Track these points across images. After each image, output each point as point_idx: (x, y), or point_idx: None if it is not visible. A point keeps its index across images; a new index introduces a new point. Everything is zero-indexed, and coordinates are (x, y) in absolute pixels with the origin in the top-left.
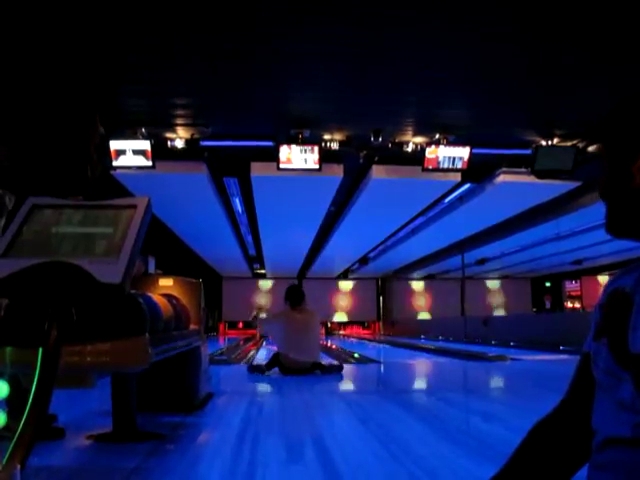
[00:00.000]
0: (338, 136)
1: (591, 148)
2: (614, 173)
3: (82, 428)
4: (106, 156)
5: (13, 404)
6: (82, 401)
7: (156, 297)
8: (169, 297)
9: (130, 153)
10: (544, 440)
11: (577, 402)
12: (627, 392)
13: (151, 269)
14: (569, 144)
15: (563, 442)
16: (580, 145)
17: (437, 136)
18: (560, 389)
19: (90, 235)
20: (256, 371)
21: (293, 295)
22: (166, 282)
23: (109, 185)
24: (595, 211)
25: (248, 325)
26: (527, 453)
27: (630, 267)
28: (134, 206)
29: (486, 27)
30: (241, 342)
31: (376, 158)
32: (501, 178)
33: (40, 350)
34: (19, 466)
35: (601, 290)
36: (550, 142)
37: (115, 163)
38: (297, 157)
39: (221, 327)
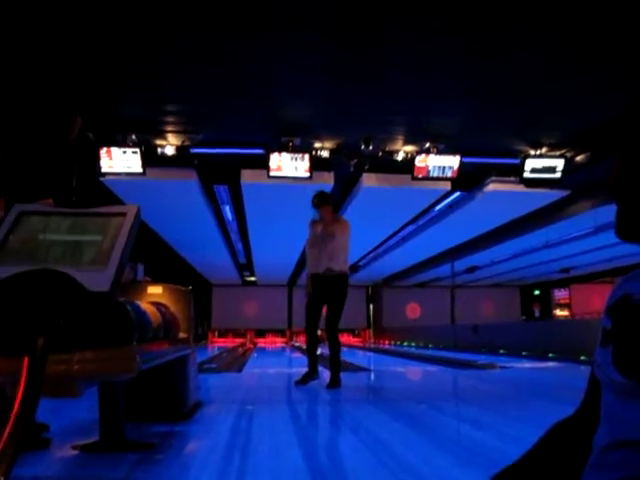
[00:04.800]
0: (328, 144)
1: (579, 157)
2: (629, 171)
3: (69, 437)
4: (96, 162)
5: None
6: (69, 410)
7: (145, 305)
8: (158, 305)
9: (120, 159)
10: (557, 444)
11: (589, 410)
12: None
13: (140, 276)
14: (557, 153)
15: (575, 448)
16: (568, 154)
17: (427, 145)
18: (548, 396)
19: (78, 243)
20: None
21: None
22: (155, 290)
23: (98, 191)
24: (583, 220)
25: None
26: (539, 454)
27: None
28: (123, 214)
29: (476, 38)
30: (231, 350)
31: (366, 166)
32: (491, 187)
33: (26, 359)
34: (2, 477)
35: (592, 297)
36: (539, 151)
37: (104, 169)
38: (287, 165)
39: (210, 335)
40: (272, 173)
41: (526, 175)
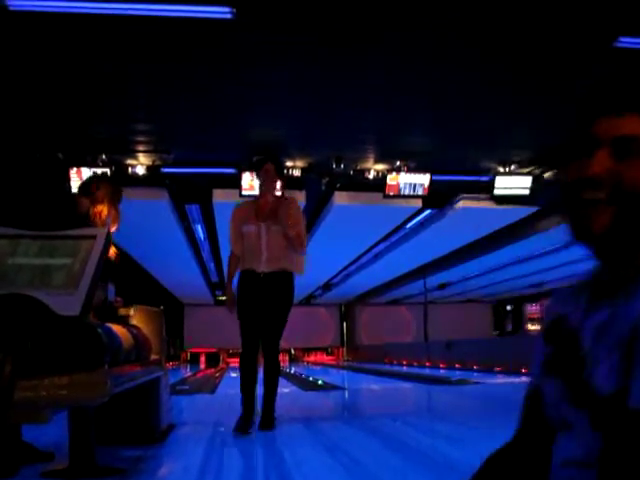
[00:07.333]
0: (300, 163)
1: (547, 174)
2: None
3: (37, 463)
4: (65, 183)
5: None
6: (37, 434)
7: (116, 327)
8: (129, 327)
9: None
10: (498, 473)
11: (530, 435)
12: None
13: (111, 297)
14: (525, 171)
15: (519, 475)
16: (537, 172)
17: (398, 163)
18: None
19: (48, 266)
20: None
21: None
22: (127, 311)
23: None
24: (552, 235)
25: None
26: None
27: (574, 291)
28: (93, 236)
29: (446, 57)
30: (203, 371)
31: (338, 185)
32: (461, 204)
33: None
34: None
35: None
36: (508, 169)
37: (75, 190)
38: (259, 184)
39: (183, 356)
40: (244, 192)
41: (497, 192)
